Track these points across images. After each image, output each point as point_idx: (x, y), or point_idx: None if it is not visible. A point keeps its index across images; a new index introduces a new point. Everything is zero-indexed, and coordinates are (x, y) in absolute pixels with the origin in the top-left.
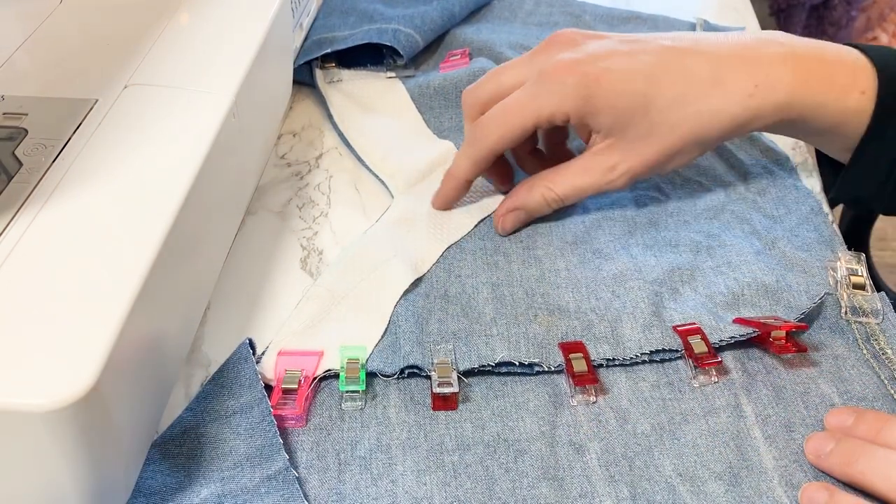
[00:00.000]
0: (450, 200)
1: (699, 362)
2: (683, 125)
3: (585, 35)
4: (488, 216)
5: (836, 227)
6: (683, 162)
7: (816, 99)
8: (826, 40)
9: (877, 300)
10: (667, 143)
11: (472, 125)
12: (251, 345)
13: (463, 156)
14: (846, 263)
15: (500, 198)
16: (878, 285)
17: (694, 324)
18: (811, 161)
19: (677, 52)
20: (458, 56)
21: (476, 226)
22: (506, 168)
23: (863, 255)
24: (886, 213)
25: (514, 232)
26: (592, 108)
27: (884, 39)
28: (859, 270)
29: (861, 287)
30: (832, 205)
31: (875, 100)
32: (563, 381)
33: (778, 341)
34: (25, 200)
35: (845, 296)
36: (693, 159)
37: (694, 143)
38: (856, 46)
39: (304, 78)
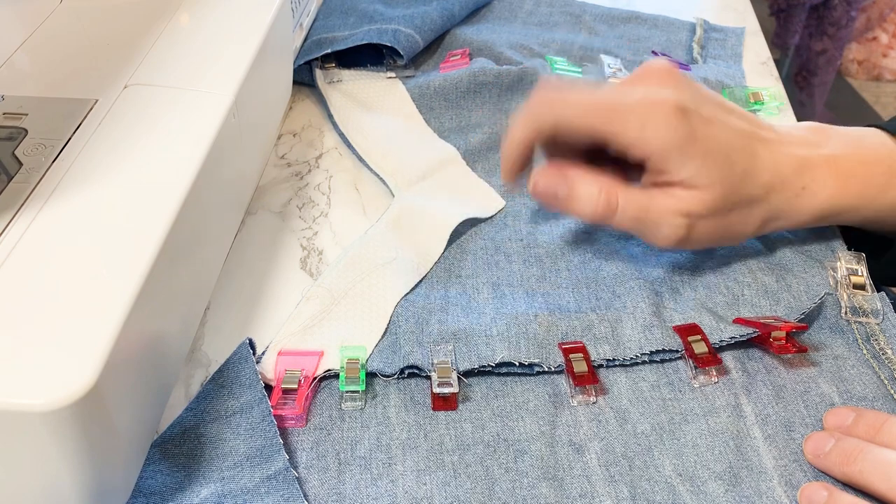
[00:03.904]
0: (510, 172)
1: (699, 362)
2: (748, 204)
3: (678, 75)
4: (489, 218)
5: (836, 228)
6: (722, 243)
7: (853, 202)
8: (826, 40)
9: (877, 300)
10: (734, 216)
11: (544, 90)
12: (251, 345)
13: (522, 117)
14: (846, 263)
15: (500, 200)
16: (879, 285)
17: (694, 324)
18: None
19: (751, 135)
20: (458, 56)
21: (476, 225)
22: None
23: (863, 255)
24: None
25: (538, 198)
26: (682, 155)
27: (884, 39)
28: (859, 270)
29: (861, 287)
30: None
31: None
32: (563, 381)
33: (778, 341)
34: (25, 200)
35: (845, 296)
36: (726, 244)
37: (747, 224)
38: (887, 129)
39: (304, 78)
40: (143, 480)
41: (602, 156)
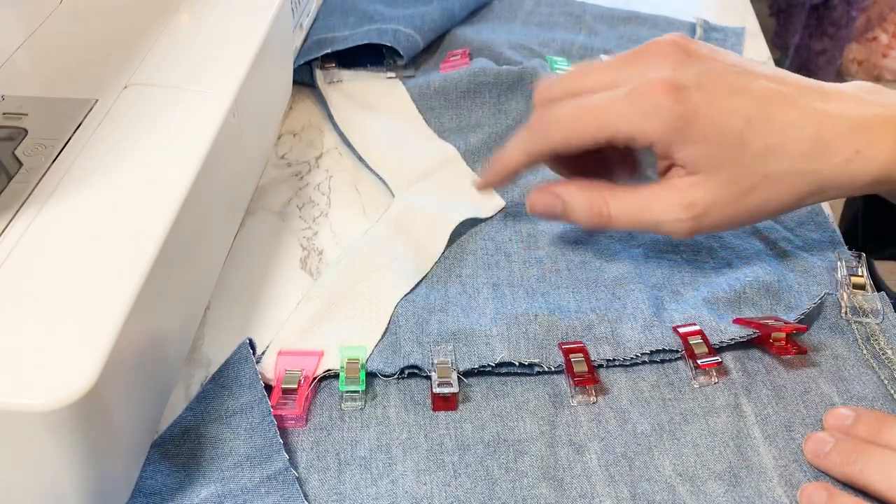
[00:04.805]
0: (492, 185)
1: (699, 363)
2: (776, 180)
3: (686, 50)
4: (489, 218)
5: (836, 227)
6: (753, 221)
7: None
8: (826, 40)
9: (877, 300)
10: (756, 196)
11: (539, 113)
12: (251, 345)
13: (518, 143)
14: (846, 263)
15: (500, 200)
16: (879, 285)
17: (694, 324)
18: None
19: (782, 99)
20: (458, 56)
21: (477, 225)
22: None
23: (863, 255)
24: None
25: (538, 216)
26: (683, 138)
27: (884, 39)
28: (859, 270)
29: (861, 287)
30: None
31: None
32: (563, 381)
33: (778, 342)
34: (25, 200)
35: (845, 296)
36: (759, 220)
37: (780, 200)
38: None
39: (304, 78)
40: (143, 480)
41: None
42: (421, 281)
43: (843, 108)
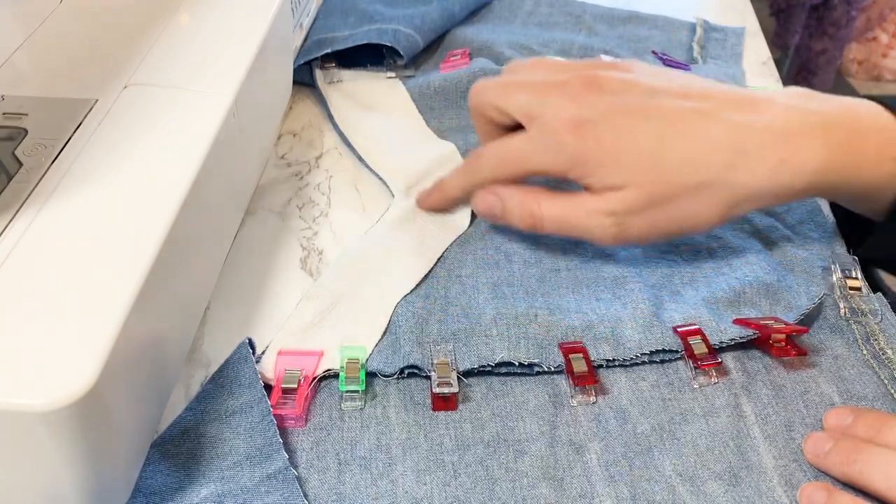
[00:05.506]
0: (434, 210)
1: (699, 363)
2: (697, 191)
3: (598, 85)
4: None
5: (836, 227)
6: (680, 232)
7: (847, 174)
8: (826, 40)
9: (874, 300)
10: (677, 206)
11: (471, 155)
12: (251, 345)
13: (457, 177)
14: (841, 266)
15: None
16: (880, 285)
17: (694, 324)
18: None
19: (698, 114)
20: (458, 56)
21: (476, 225)
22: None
23: (856, 259)
24: None
25: (482, 217)
26: (591, 169)
27: (884, 39)
28: (853, 272)
29: (857, 289)
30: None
31: None
32: (563, 381)
33: (778, 343)
34: (25, 200)
35: (842, 298)
36: (688, 233)
37: (706, 210)
38: (882, 102)
39: (304, 78)
40: (143, 480)
41: None
42: (421, 281)
43: (769, 118)
